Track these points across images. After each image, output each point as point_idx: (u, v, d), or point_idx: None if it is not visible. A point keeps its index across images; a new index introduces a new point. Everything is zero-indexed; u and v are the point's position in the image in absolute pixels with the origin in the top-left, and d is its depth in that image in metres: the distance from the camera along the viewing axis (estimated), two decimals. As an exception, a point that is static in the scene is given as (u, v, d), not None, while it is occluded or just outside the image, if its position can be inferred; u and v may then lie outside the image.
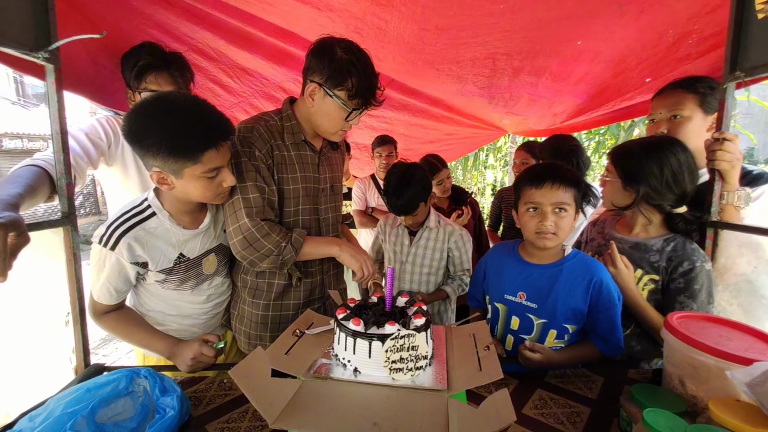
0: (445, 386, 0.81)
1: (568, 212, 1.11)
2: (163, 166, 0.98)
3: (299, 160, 1.22)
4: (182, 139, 0.95)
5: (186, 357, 1.05)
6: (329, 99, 1.11)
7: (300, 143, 1.22)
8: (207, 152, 0.98)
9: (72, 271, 1.07)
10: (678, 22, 1.41)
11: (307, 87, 1.13)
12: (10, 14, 0.91)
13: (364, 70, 1.09)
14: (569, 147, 1.99)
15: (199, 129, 0.97)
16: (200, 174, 1.00)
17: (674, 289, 1.13)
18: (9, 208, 0.82)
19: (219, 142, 1.00)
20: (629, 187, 1.18)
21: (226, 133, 1.02)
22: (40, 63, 0.98)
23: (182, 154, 0.96)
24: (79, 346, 1.09)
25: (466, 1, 1.34)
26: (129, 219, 1.06)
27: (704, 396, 0.77)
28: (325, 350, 0.95)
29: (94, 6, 1.33)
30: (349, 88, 1.09)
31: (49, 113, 1.03)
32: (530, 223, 1.14)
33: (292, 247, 1.14)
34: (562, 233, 1.12)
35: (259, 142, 1.13)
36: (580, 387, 0.99)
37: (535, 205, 1.13)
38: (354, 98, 1.11)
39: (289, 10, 1.43)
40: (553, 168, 1.15)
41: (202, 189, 1.04)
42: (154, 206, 1.10)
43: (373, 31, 1.56)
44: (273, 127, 1.18)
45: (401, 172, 1.64)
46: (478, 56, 1.78)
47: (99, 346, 4.06)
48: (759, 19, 1.06)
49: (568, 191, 1.11)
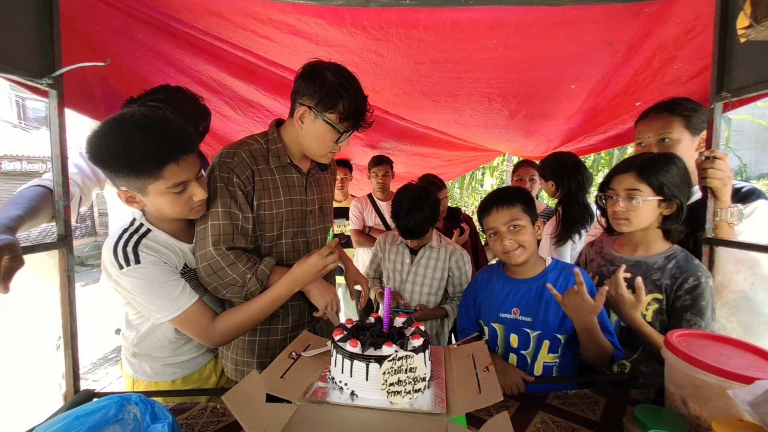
0: (444, 409, 0.79)
1: (522, 226, 1.20)
2: (127, 185, 0.97)
3: (284, 183, 1.21)
4: (139, 156, 0.92)
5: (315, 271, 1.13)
6: (319, 122, 1.11)
7: (286, 166, 1.21)
8: (167, 167, 0.94)
9: (66, 293, 1.06)
10: (665, 48, 1.46)
11: (297, 110, 1.13)
12: (16, 44, 0.94)
13: (354, 93, 1.11)
14: (572, 163, 2.01)
15: (156, 144, 0.93)
16: (165, 190, 0.97)
17: (681, 307, 1.12)
18: (6, 231, 0.82)
19: (179, 155, 0.95)
20: (668, 201, 1.15)
21: (187, 145, 0.98)
22: (44, 89, 1.01)
23: (142, 171, 0.94)
24: (69, 371, 1.07)
25: (459, 35, 1.38)
26: (130, 237, 1.04)
27: (707, 416, 0.75)
28: (322, 373, 0.93)
29: (98, 36, 1.37)
30: (340, 111, 1.10)
31: (50, 137, 1.04)
32: (496, 246, 1.25)
33: (257, 279, 1.11)
34: (527, 245, 1.20)
35: (239, 168, 1.11)
36: (582, 409, 0.97)
37: (493, 230, 1.24)
38: (344, 121, 1.12)
39: (288, 43, 1.47)
40: (495, 194, 1.30)
41: (171, 205, 1.01)
42: (146, 224, 1.08)
43: (369, 65, 1.60)
44: (256, 151, 1.17)
45: (413, 196, 1.63)
46: (474, 93, 1.82)
47: (90, 371, 3.96)
48: (741, 43, 1.10)
49: (514, 208, 1.21)
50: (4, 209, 0.94)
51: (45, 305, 1.06)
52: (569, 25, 1.33)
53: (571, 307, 1.05)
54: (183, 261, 1.13)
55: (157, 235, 1.09)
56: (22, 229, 0.90)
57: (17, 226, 0.89)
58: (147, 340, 1.17)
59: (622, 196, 1.18)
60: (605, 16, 1.31)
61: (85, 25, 1.30)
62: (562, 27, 1.34)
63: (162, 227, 1.11)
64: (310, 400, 0.82)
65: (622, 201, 1.17)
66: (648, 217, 1.17)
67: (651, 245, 1.21)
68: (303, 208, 1.26)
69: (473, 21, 1.31)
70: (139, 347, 1.18)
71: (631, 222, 1.17)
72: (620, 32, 1.40)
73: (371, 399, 0.82)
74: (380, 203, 2.93)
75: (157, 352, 1.19)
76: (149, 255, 1.03)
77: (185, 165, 0.98)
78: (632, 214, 1.16)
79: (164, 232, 1.11)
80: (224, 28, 1.41)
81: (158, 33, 1.45)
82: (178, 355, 1.21)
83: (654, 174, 1.14)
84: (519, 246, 1.19)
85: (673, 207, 1.15)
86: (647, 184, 1.15)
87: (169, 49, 1.54)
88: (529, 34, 1.37)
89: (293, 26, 1.36)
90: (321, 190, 1.34)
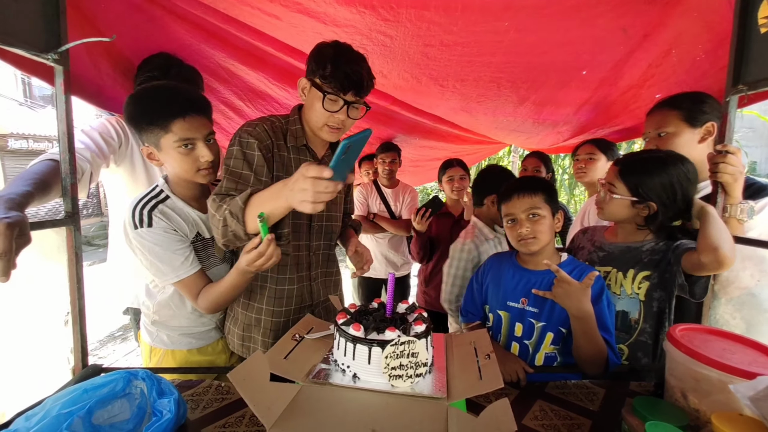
0: (444, 394, 0.80)
1: (542, 216, 1.19)
2: (147, 140, 1.10)
3: (297, 164, 1.21)
4: (152, 107, 1.08)
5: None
6: (313, 89, 1.11)
7: (301, 147, 1.22)
8: (175, 121, 1.06)
9: (73, 270, 1.07)
10: (682, 41, 1.42)
11: (299, 84, 1.15)
12: (21, 17, 0.93)
13: (341, 55, 1.09)
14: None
15: (167, 99, 1.08)
16: (173, 144, 1.08)
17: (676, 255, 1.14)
18: (15, 207, 0.82)
19: (187, 112, 1.07)
20: (639, 204, 1.19)
21: (196, 106, 1.10)
22: (50, 64, 1.00)
23: (155, 122, 1.07)
24: (77, 346, 1.09)
25: (471, 17, 1.35)
26: (149, 201, 1.13)
27: (707, 410, 0.76)
28: (325, 355, 0.94)
29: (104, 16, 1.35)
30: (327, 72, 1.07)
31: (57, 114, 1.04)
32: (511, 233, 1.24)
33: (230, 214, 0.98)
34: (542, 236, 1.19)
35: (260, 136, 1.12)
36: (581, 399, 0.98)
37: (511, 216, 1.24)
38: (330, 82, 1.08)
39: (296, 23, 1.44)
40: (518, 180, 1.30)
41: (179, 162, 1.10)
42: (165, 190, 1.17)
43: (378, 47, 1.57)
44: (277, 128, 1.18)
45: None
46: (482, 77, 1.79)
47: (97, 348, 4.05)
48: (761, 34, 1.07)
49: (536, 196, 1.20)
50: (13, 184, 0.94)
51: (50, 282, 1.08)
52: (584, 8, 1.30)
53: (561, 294, 1.05)
54: (195, 230, 1.20)
55: (175, 202, 1.17)
56: (32, 204, 0.91)
57: (26, 202, 0.89)
58: (164, 309, 1.24)
59: (605, 187, 1.26)
60: (621, 1, 1.28)
61: (89, 3, 1.28)
62: (577, 10, 1.31)
63: (180, 194, 1.19)
64: (313, 381, 0.84)
65: (602, 192, 1.27)
66: (620, 212, 1.23)
67: (636, 234, 1.25)
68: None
69: (486, 2, 1.28)
70: (158, 315, 1.25)
71: (604, 212, 1.27)
72: (635, 19, 1.36)
73: (373, 382, 0.83)
74: (385, 190, 2.92)
75: (173, 321, 1.25)
76: (161, 221, 1.11)
77: (193, 123, 1.09)
78: (606, 205, 1.25)
79: (181, 199, 1.18)
80: (231, 5, 1.39)
81: (165, 14, 1.43)
82: (195, 327, 1.27)
83: (632, 174, 1.19)
84: (534, 235, 1.19)
85: (651, 209, 1.17)
86: (623, 182, 1.20)
87: (176, 32, 1.52)
88: (542, 16, 1.34)
89: (301, 4, 1.33)
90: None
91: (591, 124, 2.33)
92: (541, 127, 2.50)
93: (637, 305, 1.21)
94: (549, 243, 1.22)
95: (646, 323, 1.21)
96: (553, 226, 1.22)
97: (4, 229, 0.73)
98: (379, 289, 3.04)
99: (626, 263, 1.23)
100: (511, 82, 1.81)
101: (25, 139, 10.21)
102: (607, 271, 1.28)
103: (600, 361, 1.07)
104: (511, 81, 1.80)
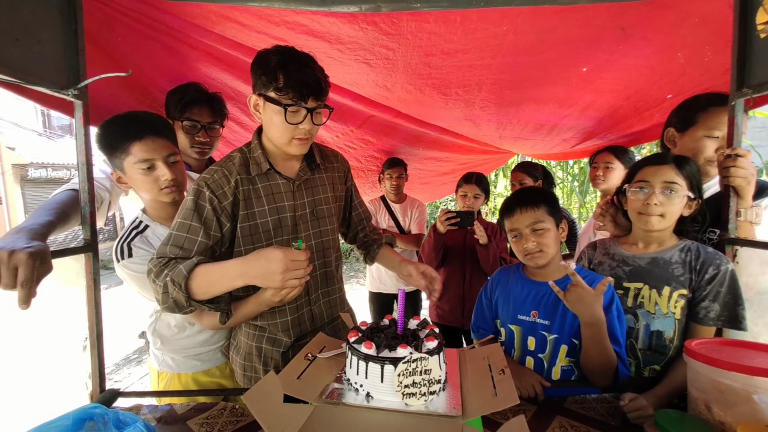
0: (459, 412, 0.79)
1: (546, 229, 1.18)
2: (114, 165, 1.18)
3: (268, 191, 1.14)
4: (115, 133, 1.16)
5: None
6: (269, 105, 1.03)
7: (268, 173, 1.13)
8: (133, 143, 1.14)
9: (92, 296, 1.10)
10: (687, 45, 1.42)
11: (250, 103, 1.08)
12: (43, 57, 0.99)
13: (290, 61, 1.02)
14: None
15: (125, 124, 1.16)
16: (133, 165, 1.15)
17: (699, 298, 1.10)
18: (37, 237, 0.86)
19: (144, 134, 1.14)
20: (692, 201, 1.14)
21: (153, 129, 1.17)
22: (70, 99, 1.05)
23: (116, 147, 1.15)
24: (95, 371, 1.11)
25: (470, 25, 1.39)
26: (129, 233, 1.22)
27: (732, 421, 0.73)
28: (337, 374, 0.94)
29: (120, 47, 1.43)
30: (280, 83, 1.00)
31: (76, 146, 1.09)
32: (517, 248, 1.23)
33: (172, 282, 0.94)
34: (548, 249, 1.18)
35: (215, 184, 1.06)
36: (602, 413, 0.96)
37: (515, 231, 1.22)
38: (286, 92, 1.00)
39: (301, 44, 1.49)
40: (519, 193, 1.28)
41: (142, 182, 1.17)
42: (144, 220, 1.24)
43: (381, 61, 1.61)
44: (238, 162, 1.12)
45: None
46: (484, 81, 1.82)
47: (113, 371, 4.07)
48: (761, 39, 1.07)
49: (539, 209, 1.19)
50: (35, 214, 0.99)
51: (69, 308, 1.12)
52: (581, 10, 1.32)
53: (573, 300, 1.03)
54: None
55: (155, 229, 1.24)
56: (54, 233, 0.96)
57: (48, 233, 0.94)
58: (158, 323, 1.30)
59: (658, 188, 1.12)
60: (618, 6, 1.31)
61: (107, 37, 1.36)
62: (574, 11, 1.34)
63: (157, 218, 1.25)
64: (327, 401, 0.83)
65: (658, 194, 1.12)
66: (678, 212, 1.14)
67: (666, 241, 1.19)
68: (292, 214, 1.17)
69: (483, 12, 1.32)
70: (160, 337, 1.30)
71: (664, 217, 1.12)
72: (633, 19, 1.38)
73: (386, 401, 0.82)
74: (393, 205, 2.94)
75: (176, 343, 1.29)
76: (141, 249, 1.18)
77: (150, 144, 1.15)
78: (668, 208, 1.12)
79: (161, 224, 1.24)
80: (239, 32, 1.45)
81: (178, 44, 1.50)
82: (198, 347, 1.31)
83: (688, 169, 1.13)
84: (541, 249, 1.17)
85: (695, 206, 1.14)
86: (684, 178, 1.12)
87: (187, 59, 1.59)
88: (539, 18, 1.37)
89: (306, 26, 1.38)
90: (314, 192, 1.23)
91: (597, 130, 2.33)
92: (544, 131, 2.50)
93: (673, 324, 1.14)
94: (556, 255, 1.21)
95: (681, 342, 1.14)
96: (558, 236, 1.20)
97: (26, 258, 0.76)
98: (390, 303, 3.02)
99: (659, 279, 1.15)
100: (512, 82, 1.83)
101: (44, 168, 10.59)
102: (638, 287, 1.19)
103: (609, 372, 1.05)
104: (511, 81, 1.83)
